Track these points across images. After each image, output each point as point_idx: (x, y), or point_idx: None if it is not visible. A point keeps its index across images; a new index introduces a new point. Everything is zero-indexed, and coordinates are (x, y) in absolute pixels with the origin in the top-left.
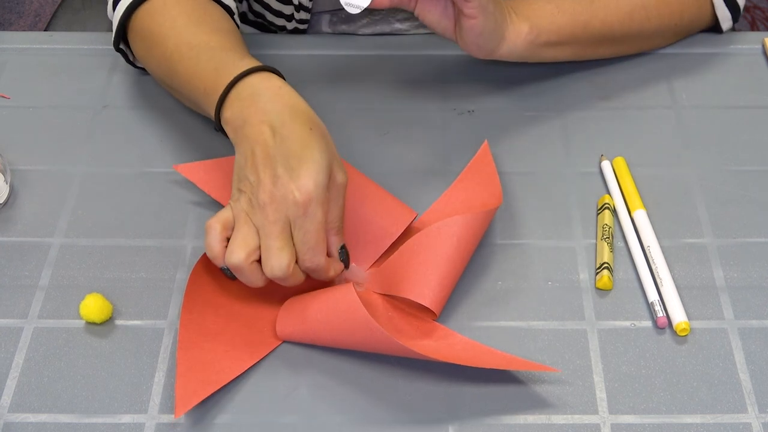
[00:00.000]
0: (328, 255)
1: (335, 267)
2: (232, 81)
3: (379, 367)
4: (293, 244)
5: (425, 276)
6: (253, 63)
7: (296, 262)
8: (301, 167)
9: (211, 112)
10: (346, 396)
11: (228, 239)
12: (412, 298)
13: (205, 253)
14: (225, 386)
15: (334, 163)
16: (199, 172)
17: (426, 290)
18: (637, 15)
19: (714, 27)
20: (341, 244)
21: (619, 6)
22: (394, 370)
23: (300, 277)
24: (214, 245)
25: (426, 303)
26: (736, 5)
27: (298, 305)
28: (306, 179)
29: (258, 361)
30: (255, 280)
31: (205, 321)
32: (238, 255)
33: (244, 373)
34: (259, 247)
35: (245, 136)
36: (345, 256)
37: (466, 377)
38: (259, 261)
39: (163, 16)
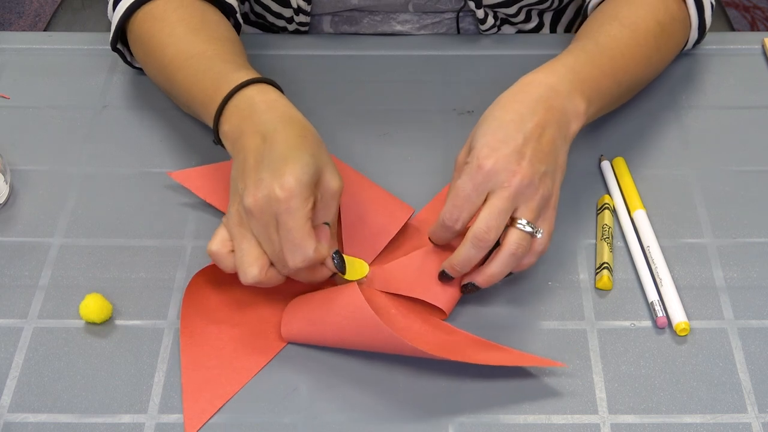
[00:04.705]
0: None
1: (322, 272)
2: (228, 94)
3: (380, 367)
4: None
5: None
6: (249, 74)
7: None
8: (285, 167)
9: (210, 124)
10: (347, 396)
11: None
12: (427, 300)
13: (196, 274)
14: None
15: (326, 169)
16: (195, 178)
17: (440, 291)
18: (653, 59)
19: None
20: (334, 249)
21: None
22: (394, 371)
23: (277, 278)
24: (228, 266)
25: (439, 304)
26: (704, 29)
27: (302, 307)
28: (288, 176)
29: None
30: (277, 281)
31: (208, 338)
32: (252, 272)
33: None
34: (265, 252)
35: (240, 147)
36: (339, 261)
37: (466, 377)
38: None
39: (163, 22)
